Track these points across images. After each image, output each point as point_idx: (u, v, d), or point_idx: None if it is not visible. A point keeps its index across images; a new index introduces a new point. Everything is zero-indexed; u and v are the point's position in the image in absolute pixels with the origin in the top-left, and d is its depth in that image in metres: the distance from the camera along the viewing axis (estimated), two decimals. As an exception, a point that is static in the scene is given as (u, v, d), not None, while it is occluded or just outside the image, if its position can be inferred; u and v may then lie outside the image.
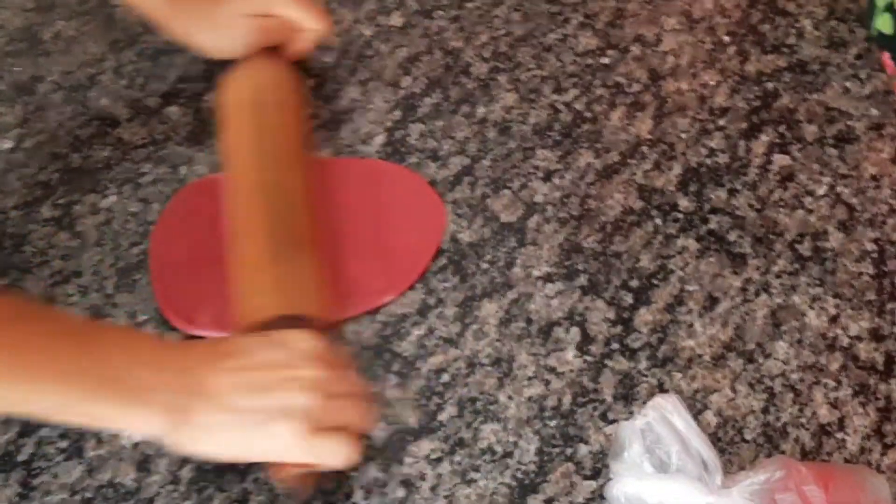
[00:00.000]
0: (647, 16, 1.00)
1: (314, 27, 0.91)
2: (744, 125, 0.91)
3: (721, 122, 0.91)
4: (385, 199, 0.86)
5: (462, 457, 0.73)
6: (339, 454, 0.67)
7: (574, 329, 0.79)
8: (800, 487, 0.62)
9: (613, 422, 0.74)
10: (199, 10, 0.90)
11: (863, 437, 0.73)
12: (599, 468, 0.72)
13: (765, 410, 0.74)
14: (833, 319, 0.79)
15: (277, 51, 0.91)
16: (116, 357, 0.64)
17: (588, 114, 0.92)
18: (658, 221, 0.85)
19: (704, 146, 0.89)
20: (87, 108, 0.94)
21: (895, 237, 0.83)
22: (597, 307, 0.80)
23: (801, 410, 0.74)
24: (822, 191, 0.86)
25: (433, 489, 0.72)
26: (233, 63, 0.90)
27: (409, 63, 0.96)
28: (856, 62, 0.95)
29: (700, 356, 0.77)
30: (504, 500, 0.71)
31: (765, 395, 0.75)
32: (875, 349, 0.77)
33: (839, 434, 0.73)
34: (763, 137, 0.90)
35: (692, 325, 0.79)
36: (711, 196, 0.86)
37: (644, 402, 0.72)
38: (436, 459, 0.73)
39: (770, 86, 0.93)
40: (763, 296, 0.80)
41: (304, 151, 0.86)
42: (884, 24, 0.93)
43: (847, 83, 0.93)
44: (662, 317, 0.79)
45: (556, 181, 0.87)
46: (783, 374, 0.76)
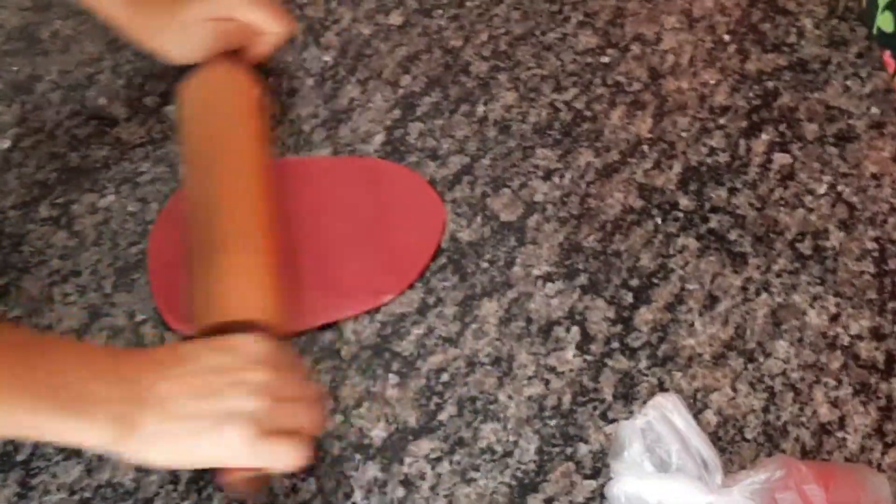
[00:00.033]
0: (647, 14, 0.99)
1: (275, 30, 0.90)
2: (744, 124, 0.91)
3: (721, 121, 0.91)
4: (384, 199, 0.86)
5: (462, 456, 0.73)
6: (289, 457, 0.66)
7: (574, 328, 0.79)
8: (800, 486, 0.62)
9: (613, 421, 0.74)
10: (159, 15, 0.88)
11: (863, 436, 0.73)
12: (599, 467, 0.72)
13: (765, 409, 0.74)
14: (833, 318, 0.79)
15: (238, 54, 0.89)
16: (61, 369, 0.63)
17: (588, 113, 0.92)
18: (658, 220, 0.84)
19: (705, 145, 0.89)
20: (85, 108, 0.94)
21: (896, 236, 0.83)
22: (597, 306, 0.80)
23: (802, 409, 0.74)
24: (823, 189, 0.86)
25: (433, 489, 0.71)
26: (192, 68, 0.88)
27: (409, 62, 0.96)
28: (856, 61, 0.95)
29: (700, 355, 0.77)
30: (504, 500, 0.71)
31: (765, 394, 0.75)
32: (876, 348, 0.77)
33: (839, 433, 0.73)
34: (763, 136, 0.90)
35: (692, 324, 0.78)
36: (712, 195, 0.86)
37: (644, 402, 0.72)
38: (435, 459, 0.73)
39: (770, 84, 0.93)
40: (763, 295, 0.80)
41: (259, 156, 0.84)
42: (885, 23, 0.93)
43: (848, 82, 0.93)
44: (663, 316, 0.79)
45: (556, 180, 0.87)
46: (783, 373, 0.76)
